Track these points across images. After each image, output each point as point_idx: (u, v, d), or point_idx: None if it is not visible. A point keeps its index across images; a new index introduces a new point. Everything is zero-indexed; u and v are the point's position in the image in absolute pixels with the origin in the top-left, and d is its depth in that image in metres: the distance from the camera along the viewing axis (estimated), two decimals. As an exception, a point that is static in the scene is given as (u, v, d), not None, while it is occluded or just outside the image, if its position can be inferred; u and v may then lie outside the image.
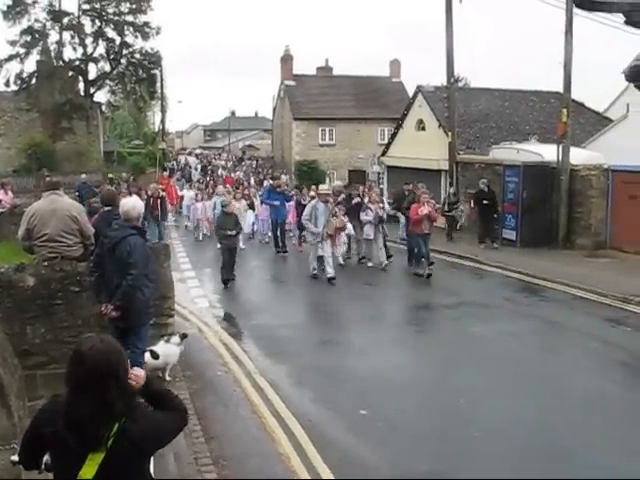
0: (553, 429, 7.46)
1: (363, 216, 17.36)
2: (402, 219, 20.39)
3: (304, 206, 19.18)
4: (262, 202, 22.65)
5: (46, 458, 3.16)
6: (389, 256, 17.67)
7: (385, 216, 17.88)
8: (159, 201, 20.48)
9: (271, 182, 26.94)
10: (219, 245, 16.53)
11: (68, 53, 43.52)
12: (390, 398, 8.58)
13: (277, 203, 20.36)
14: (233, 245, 15.50)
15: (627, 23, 1.74)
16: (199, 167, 52.12)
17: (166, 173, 36.10)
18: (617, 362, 9.81)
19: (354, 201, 18.29)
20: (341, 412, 7.97)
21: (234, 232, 15.39)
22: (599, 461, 6.56)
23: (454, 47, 23.44)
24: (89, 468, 2.91)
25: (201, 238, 23.80)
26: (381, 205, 17.82)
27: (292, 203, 22.14)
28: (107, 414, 2.92)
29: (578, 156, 20.66)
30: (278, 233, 20.50)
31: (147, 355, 7.99)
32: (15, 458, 3.31)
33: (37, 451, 3.12)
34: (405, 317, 12.86)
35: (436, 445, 7.21)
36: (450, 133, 24.61)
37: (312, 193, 21.31)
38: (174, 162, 56.12)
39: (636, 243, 17.65)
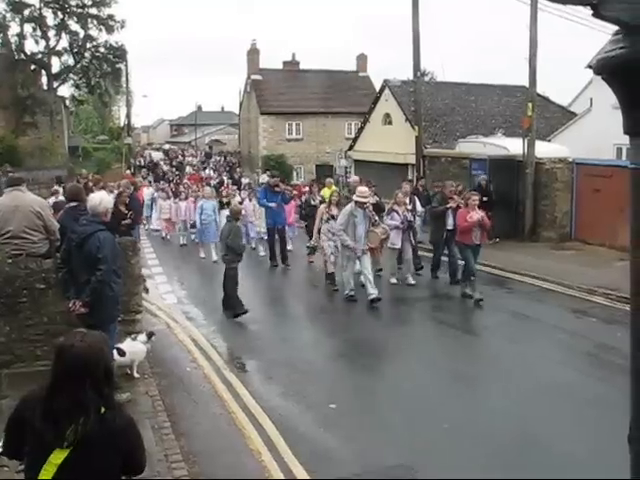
0: (521, 420, 7.55)
1: (388, 220, 14.52)
2: (418, 221, 17.12)
3: (313, 207, 16.84)
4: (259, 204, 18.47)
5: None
6: (419, 268, 15.44)
7: (415, 220, 15.25)
8: (128, 200, 17.48)
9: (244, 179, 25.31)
10: (215, 258, 14.12)
11: (30, 46, 42.99)
12: (359, 392, 8.62)
13: (273, 205, 16.93)
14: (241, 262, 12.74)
15: (595, 16, 1.75)
16: (162, 163, 51.25)
17: (129, 171, 34.97)
18: (583, 353, 9.95)
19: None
20: (311, 406, 7.98)
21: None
22: (564, 451, 6.65)
23: (420, 41, 23.50)
24: (56, 459, 2.93)
25: (185, 241, 21.29)
26: (409, 207, 14.99)
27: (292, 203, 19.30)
28: (81, 412, 2.93)
29: (543, 149, 20.88)
30: (276, 242, 17.26)
31: (114, 352, 7.90)
32: None
33: (20, 439, 3.10)
34: (374, 311, 12.86)
35: (405, 438, 7.23)
36: (417, 127, 24.71)
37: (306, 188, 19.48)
38: (141, 158, 55.45)
39: (600, 235, 17.88)
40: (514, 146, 21.12)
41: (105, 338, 3.30)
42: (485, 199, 17.80)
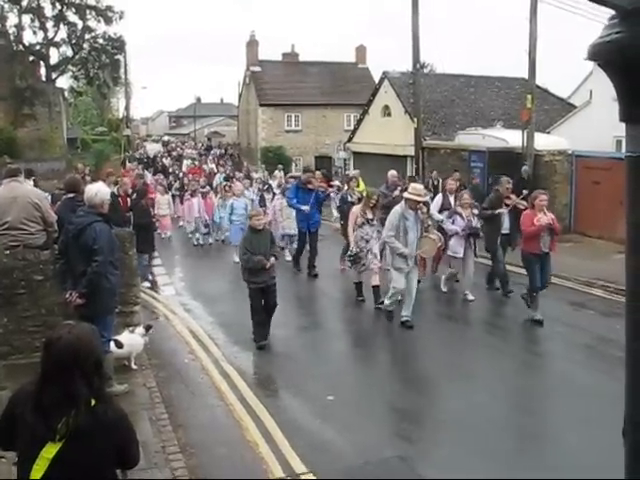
0: (519, 412, 7.55)
1: (448, 225, 12.50)
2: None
3: (351, 204, 14.19)
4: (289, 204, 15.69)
5: None
6: (508, 292, 12.80)
7: (479, 225, 12.70)
8: (129, 201, 15.36)
9: (291, 175, 21.74)
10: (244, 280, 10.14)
11: (28, 37, 42.78)
12: (357, 383, 8.62)
13: (306, 208, 14.71)
14: (270, 282, 9.81)
15: (591, 0, 1.72)
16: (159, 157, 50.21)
17: (130, 164, 33.85)
18: (582, 345, 9.94)
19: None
20: (309, 398, 7.98)
21: (273, 260, 9.80)
22: (561, 443, 6.65)
23: (420, 33, 23.43)
24: (48, 453, 2.92)
25: (201, 242, 19.76)
26: (474, 211, 12.69)
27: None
28: (70, 404, 2.92)
29: (543, 142, 20.85)
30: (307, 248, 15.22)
31: (112, 344, 7.91)
32: None
33: (13, 431, 3.09)
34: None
35: (403, 430, 7.24)
36: (416, 119, 24.66)
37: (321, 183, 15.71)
38: (141, 151, 55.03)
39: (599, 228, 17.89)
40: (513, 138, 21.10)
41: (94, 330, 3.28)
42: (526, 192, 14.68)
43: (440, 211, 13.52)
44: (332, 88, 44.97)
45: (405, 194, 11.04)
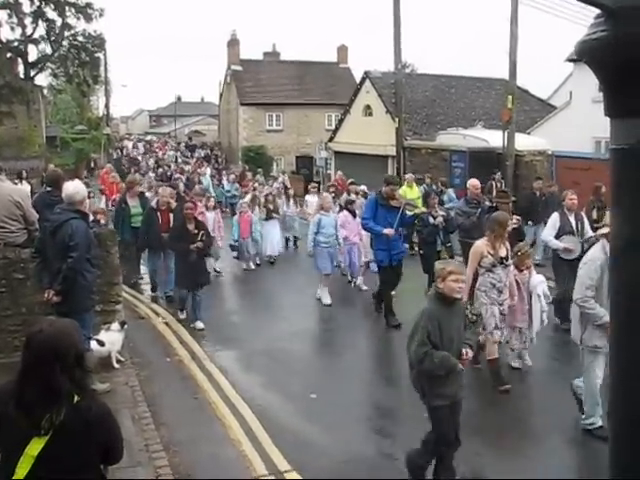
0: (512, 409, 7.60)
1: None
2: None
3: (434, 228, 11.75)
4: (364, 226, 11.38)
5: None
6: None
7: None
8: (171, 216, 12.38)
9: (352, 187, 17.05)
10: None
11: (5, 33, 42.11)
12: (340, 381, 8.63)
13: (390, 232, 10.57)
14: (459, 395, 5.83)
15: (577, -1, 1.77)
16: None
17: (110, 165, 31.31)
18: (569, 345, 10.01)
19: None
20: (291, 396, 7.99)
21: (469, 354, 5.71)
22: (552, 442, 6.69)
23: (401, 33, 23.52)
24: (32, 450, 2.92)
25: (252, 267, 15.77)
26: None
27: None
28: (53, 399, 2.92)
29: (523, 142, 21.05)
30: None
31: (94, 343, 7.90)
32: None
33: None
34: (361, 306, 12.88)
35: (386, 428, 7.27)
36: (397, 119, 24.76)
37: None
38: (119, 150, 54.58)
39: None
40: (494, 138, 21.26)
41: (75, 324, 3.29)
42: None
43: (558, 236, 10.05)
44: (314, 88, 45.04)
45: (605, 229, 6.58)
